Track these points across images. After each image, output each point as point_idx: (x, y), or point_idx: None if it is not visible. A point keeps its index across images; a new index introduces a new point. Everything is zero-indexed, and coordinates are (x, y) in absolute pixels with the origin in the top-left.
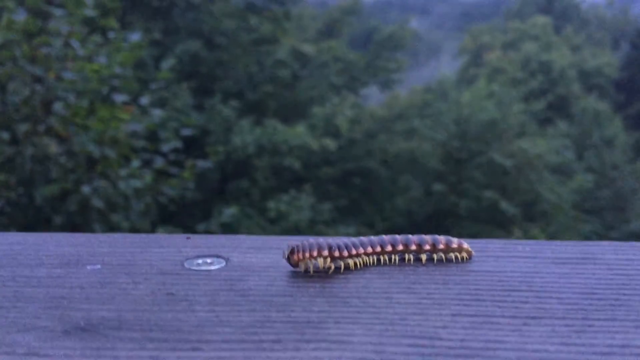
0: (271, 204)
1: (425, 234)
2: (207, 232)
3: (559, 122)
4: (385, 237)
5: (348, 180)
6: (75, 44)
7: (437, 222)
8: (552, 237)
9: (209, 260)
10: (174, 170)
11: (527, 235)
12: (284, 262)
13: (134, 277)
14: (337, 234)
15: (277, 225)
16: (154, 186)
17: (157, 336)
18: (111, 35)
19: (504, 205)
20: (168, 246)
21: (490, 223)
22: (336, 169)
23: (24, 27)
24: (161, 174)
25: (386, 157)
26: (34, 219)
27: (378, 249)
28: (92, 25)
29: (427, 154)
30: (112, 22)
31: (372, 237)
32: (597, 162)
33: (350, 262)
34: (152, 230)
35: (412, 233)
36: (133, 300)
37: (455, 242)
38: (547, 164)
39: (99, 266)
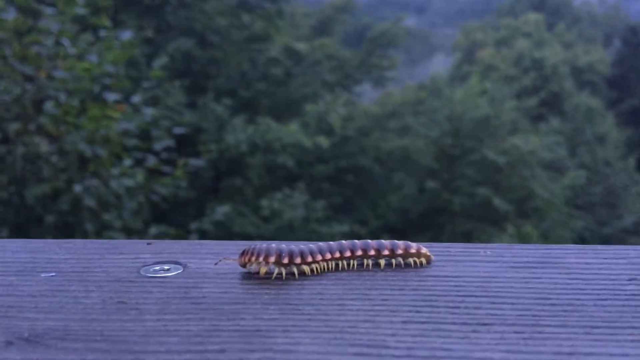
0: (264, 202)
1: (419, 231)
2: (200, 230)
3: (552, 119)
4: (345, 243)
5: (342, 178)
6: (66, 42)
7: (430, 219)
8: (544, 233)
9: (166, 267)
10: (166, 168)
11: (520, 232)
12: (241, 268)
13: (87, 285)
14: (331, 231)
15: (270, 223)
16: (146, 185)
17: (100, 347)
18: (102, 33)
19: (497, 202)
20: (127, 252)
21: (484, 220)
22: (330, 166)
23: (14, 25)
24: (153, 173)
25: (380, 155)
26: (25, 219)
27: (337, 254)
28: (83, 24)
29: (420, 151)
30: (104, 20)
31: (332, 243)
32: (589, 158)
33: (305, 268)
34: (145, 229)
35: (406, 230)
36: (82, 310)
37: (414, 246)
38: (540, 161)
39: (53, 274)
